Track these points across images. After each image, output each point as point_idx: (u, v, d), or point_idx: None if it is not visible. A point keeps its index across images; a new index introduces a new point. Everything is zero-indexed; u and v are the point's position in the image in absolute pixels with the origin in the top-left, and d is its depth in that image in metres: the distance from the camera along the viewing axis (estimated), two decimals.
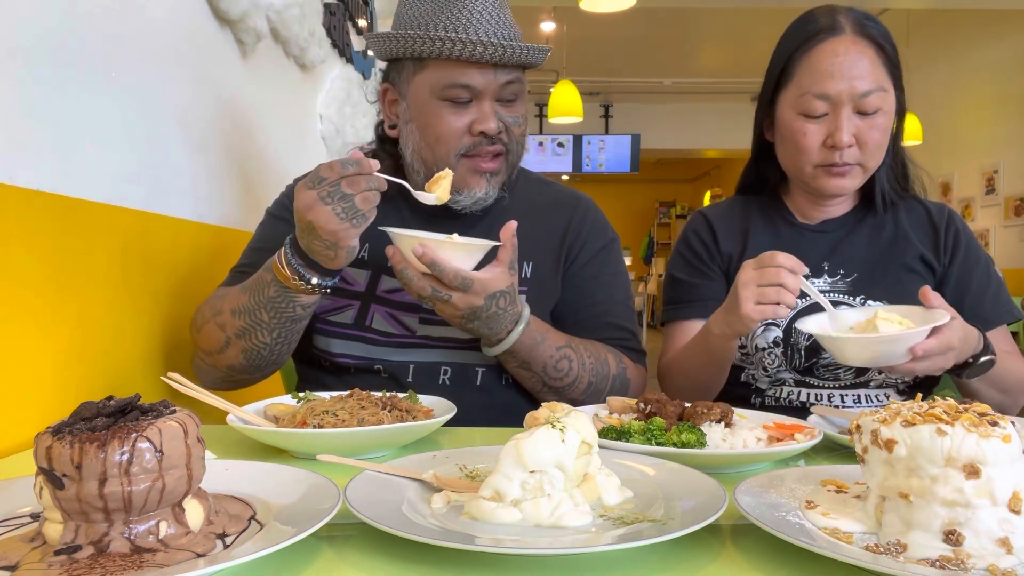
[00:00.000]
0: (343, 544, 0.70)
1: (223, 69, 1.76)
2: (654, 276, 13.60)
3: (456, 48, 1.26)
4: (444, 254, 1.15)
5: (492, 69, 1.30)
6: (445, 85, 1.31)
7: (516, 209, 1.45)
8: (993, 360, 1.26)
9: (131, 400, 0.66)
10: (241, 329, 1.27)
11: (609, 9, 5.21)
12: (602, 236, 1.50)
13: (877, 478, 0.69)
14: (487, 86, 1.31)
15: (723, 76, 9.15)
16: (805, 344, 1.40)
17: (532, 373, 1.32)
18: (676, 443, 0.96)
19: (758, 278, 1.17)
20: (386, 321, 1.39)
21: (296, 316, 1.26)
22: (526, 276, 1.43)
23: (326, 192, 1.13)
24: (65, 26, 1.18)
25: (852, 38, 1.34)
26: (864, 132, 1.34)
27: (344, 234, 1.15)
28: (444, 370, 1.38)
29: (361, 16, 2.95)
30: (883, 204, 1.46)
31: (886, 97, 1.35)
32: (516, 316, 1.25)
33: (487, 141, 1.33)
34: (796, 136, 1.37)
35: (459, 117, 1.32)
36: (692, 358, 1.40)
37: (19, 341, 1.07)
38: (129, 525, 0.63)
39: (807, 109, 1.35)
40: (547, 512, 0.72)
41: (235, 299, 1.28)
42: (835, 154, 1.34)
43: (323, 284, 1.23)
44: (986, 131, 7.52)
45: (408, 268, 1.17)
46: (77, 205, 1.20)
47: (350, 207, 1.14)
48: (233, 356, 1.30)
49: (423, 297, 1.19)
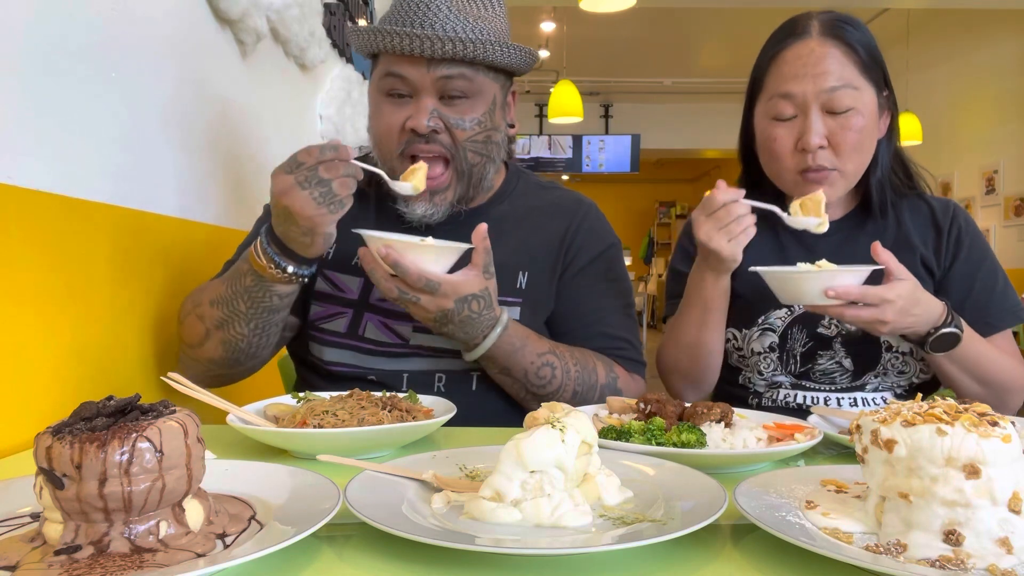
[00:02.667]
0: (343, 544, 0.70)
1: (223, 69, 1.76)
2: (654, 276, 13.61)
3: (385, 40, 1.24)
4: (412, 256, 1.15)
5: (425, 63, 1.25)
6: (381, 76, 1.29)
7: (514, 215, 1.43)
8: (957, 335, 1.25)
9: (131, 400, 0.66)
10: (219, 320, 1.26)
11: (609, 9, 5.21)
12: (599, 242, 1.45)
13: (877, 478, 0.69)
14: (421, 79, 1.26)
15: (723, 76, 9.15)
16: (801, 350, 1.40)
17: (514, 380, 1.30)
18: (676, 443, 0.96)
19: (716, 223, 1.22)
20: (379, 330, 1.37)
21: (273, 306, 1.25)
22: (521, 287, 1.39)
23: (304, 177, 1.13)
24: (65, 26, 1.18)
25: (818, 40, 1.33)
26: (836, 133, 1.31)
27: (321, 220, 1.15)
28: (439, 377, 1.36)
29: (361, 16, 2.95)
30: (881, 210, 1.43)
31: (857, 95, 1.31)
32: (493, 321, 1.23)
33: (420, 139, 1.28)
34: (768, 142, 1.37)
35: (397, 113, 1.29)
36: (686, 315, 1.38)
37: (19, 341, 1.07)
38: (129, 525, 0.63)
39: (775, 112, 1.34)
40: (547, 512, 0.72)
41: (214, 290, 1.28)
42: (807, 157, 1.32)
43: (299, 273, 1.22)
44: (986, 131, 7.52)
45: (376, 269, 1.17)
46: (76, 205, 1.20)
47: (327, 192, 1.13)
48: (212, 349, 1.28)
49: (391, 299, 1.19)
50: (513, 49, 1.28)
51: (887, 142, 1.42)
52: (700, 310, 1.35)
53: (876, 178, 1.41)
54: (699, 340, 1.38)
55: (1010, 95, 7.20)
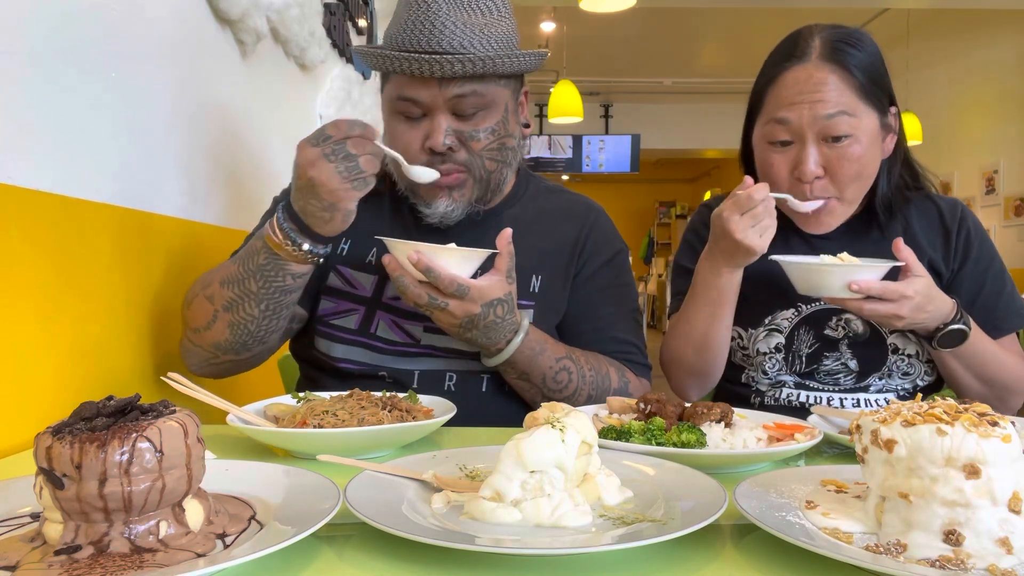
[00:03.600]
0: (343, 544, 0.70)
1: (223, 69, 1.76)
2: (654, 276, 13.61)
3: (395, 64, 1.23)
4: (440, 261, 1.14)
5: (437, 83, 1.24)
6: (394, 98, 1.29)
7: (524, 217, 1.43)
8: (965, 332, 1.26)
9: (131, 400, 0.66)
10: (230, 300, 1.25)
11: (609, 9, 5.20)
12: (610, 247, 1.46)
13: (877, 478, 0.69)
14: (433, 100, 1.26)
15: (723, 76, 9.15)
16: (807, 351, 1.40)
17: (531, 384, 1.31)
18: (676, 443, 0.96)
19: (753, 219, 1.24)
20: (391, 329, 1.37)
21: (286, 287, 1.24)
22: (534, 291, 1.40)
23: (330, 150, 1.13)
24: (65, 26, 1.18)
25: (816, 64, 1.30)
26: (834, 163, 1.30)
27: (345, 195, 1.14)
28: (449, 377, 1.36)
29: (361, 16, 2.95)
30: (886, 215, 1.42)
31: (856, 122, 1.29)
32: (515, 325, 1.24)
33: (438, 159, 1.29)
34: (765, 167, 1.36)
35: (413, 132, 1.30)
36: (696, 309, 1.37)
37: (19, 341, 1.07)
38: (129, 525, 0.63)
39: (771, 136, 1.34)
40: (547, 512, 0.72)
41: (225, 270, 1.27)
42: (804, 187, 1.32)
43: (315, 251, 1.21)
44: (986, 131, 7.52)
45: (404, 275, 1.16)
46: (77, 205, 1.20)
47: (354, 167, 1.13)
48: (219, 332, 1.27)
49: (419, 305, 1.17)
50: (523, 57, 1.28)
51: (892, 160, 1.40)
52: (712, 304, 1.35)
53: (879, 196, 1.40)
54: (708, 334, 1.37)
55: (1010, 95, 7.19)
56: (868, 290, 1.19)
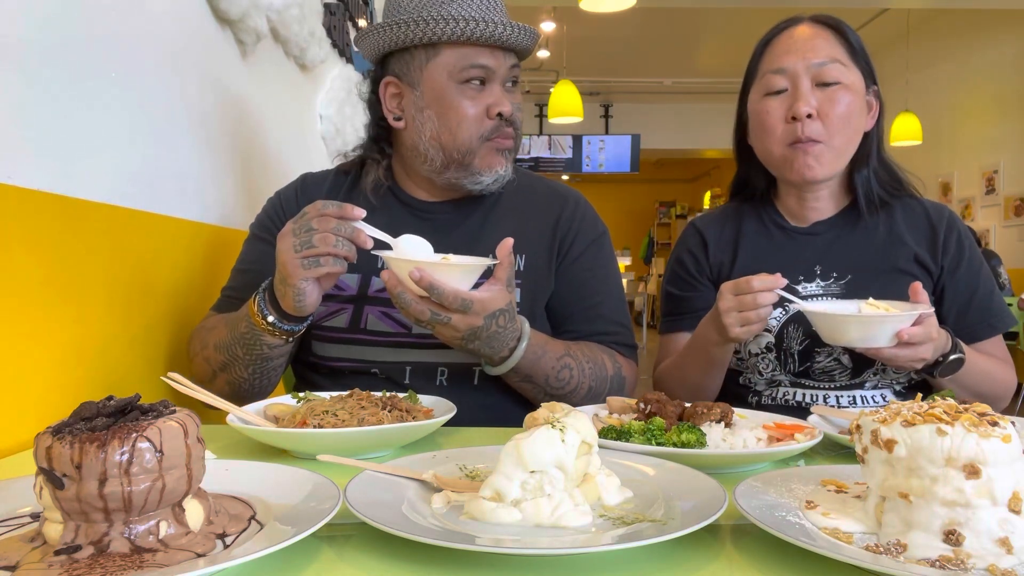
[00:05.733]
0: (343, 544, 0.70)
1: (223, 69, 1.76)
2: (654, 276, 13.60)
3: (470, 28, 1.28)
4: (441, 276, 1.11)
5: (502, 51, 1.34)
6: (463, 67, 1.32)
7: (509, 202, 1.47)
8: (962, 359, 1.29)
9: (131, 400, 0.66)
10: (222, 363, 1.29)
11: (609, 9, 5.21)
12: (593, 229, 1.50)
13: (877, 478, 0.69)
14: (499, 67, 1.34)
15: (723, 76, 9.15)
16: (798, 349, 1.41)
17: (534, 385, 1.31)
18: (676, 443, 0.96)
19: (738, 305, 1.22)
20: (381, 320, 1.38)
21: (265, 355, 1.27)
22: (520, 269, 1.42)
23: (298, 225, 1.15)
24: (64, 26, 1.18)
25: (808, 24, 1.41)
26: (825, 105, 1.35)
27: (293, 269, 1.13)
28: (441, 371, 1.38)
29: (361, 16, 2.95)
30: (869, 206, 1.45)
31: (846, 72, 1.37)
32: (516, 333, 1.24)
33: (505, 124, 1.36)
34: (761, 116, 1.41)
35: (477, 100, 1.34)
36: (690, 363, 1.41)
37: (19, 341, 1.07)
38: (129, 525, 0.63)
39: (767, 87, 1.40)
40: (547, 512, 0.72)
41: (218, 333, 1.31)
42: (797, 126, 1.36)
43: (278, 326, 1.22)
44: (986, 131, 7.53)
45: (405, 292, 1.13)
46: (77, 205, 1.20)
47: (306, 242, 1.13)
48: (220, 387, 1.32)
49: (420, 321, 1.15)
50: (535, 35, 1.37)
51: (875, 138, 1.45)
52: (706, 363, 1.38)
53: (862, 174, 1.45)
54: (701, 383, 1.41)
55: (1010, 95, 7.20)
56: (913, 338, 1.17)
